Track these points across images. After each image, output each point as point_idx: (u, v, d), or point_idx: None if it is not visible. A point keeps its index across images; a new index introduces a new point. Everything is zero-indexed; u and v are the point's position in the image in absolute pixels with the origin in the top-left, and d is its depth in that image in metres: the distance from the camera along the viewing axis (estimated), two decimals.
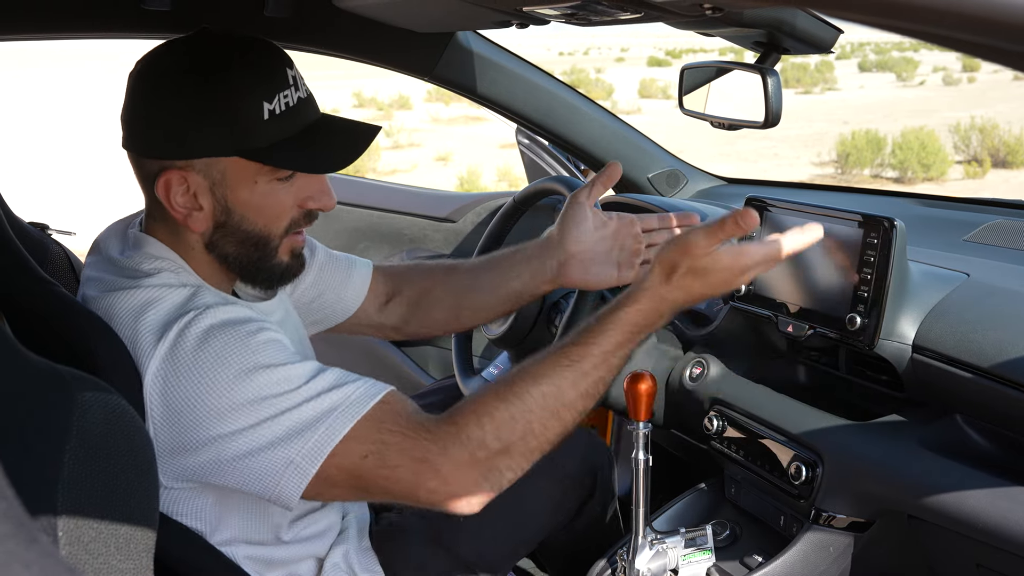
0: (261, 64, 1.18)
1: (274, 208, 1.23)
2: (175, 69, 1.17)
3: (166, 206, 1.20)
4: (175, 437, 1.11)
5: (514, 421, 1.16)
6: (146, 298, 1.16)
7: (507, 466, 1.16)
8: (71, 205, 8.36)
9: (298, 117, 1.20)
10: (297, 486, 1.11)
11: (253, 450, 1.10)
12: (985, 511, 1.24)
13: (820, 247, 1.50)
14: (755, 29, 1.57)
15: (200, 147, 1.16)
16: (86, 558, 0.83)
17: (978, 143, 14.64)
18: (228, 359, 1.11)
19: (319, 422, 1.11)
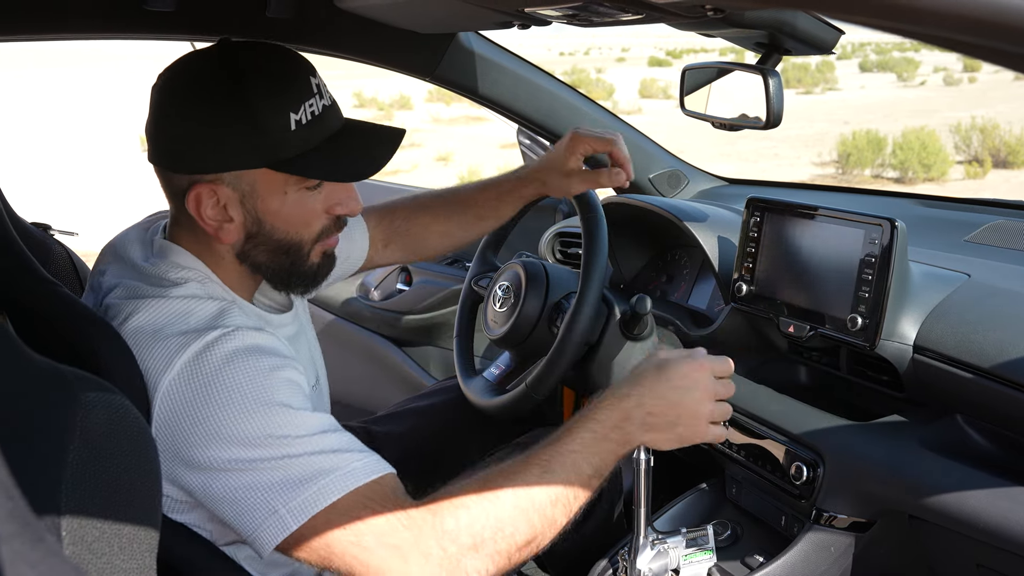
0: (286, 74, 1.19)
1: (304, 216, 1.24)
2: (199, 83, 1.17)
3: (197, 220, 1.20)
4: (175, 447, 1.10)
5: (487, 516, 1.13)
6: (173, 309, 1.16)
7: (473, 567, 1.12)
8: (74, 206, 8.36)
9: (324, 125, 1.20)
10: (274, 537, 1.09)
11: (243, 487, 1.09)
12: (986, 511, 1.25)
13: (821, 248, 1.50)
14: (756, 30, 1.58)
15: (229, 161, 1.17)
16: (89, 558, 0.83)
17: (979, 143, 14.63)
18: (247, 387, 1.10)
19: (313, 481, 1.09)
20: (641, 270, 2.15)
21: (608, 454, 1.22)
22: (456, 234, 1.77)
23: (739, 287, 1.64)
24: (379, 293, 2.91)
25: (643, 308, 1.68)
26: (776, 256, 1.58)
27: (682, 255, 2.07)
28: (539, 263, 1.84)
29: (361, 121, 1.29)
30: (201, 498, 1.13)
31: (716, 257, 1.75)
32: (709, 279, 1.95)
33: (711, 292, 1.94)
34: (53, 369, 0.86)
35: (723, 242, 1.76)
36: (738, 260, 1.65)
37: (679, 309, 1.96)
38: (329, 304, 3.01)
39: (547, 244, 2.29)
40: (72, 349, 1.10)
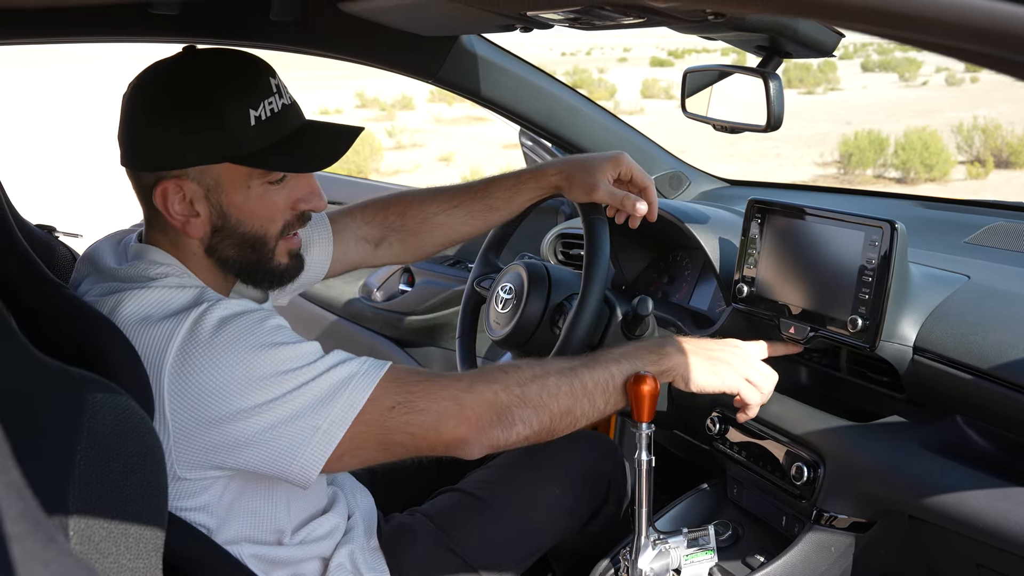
0: (245, 74, 1.25)
1: (268, 210, 1.29)
2: (164, 85, 1.24)
3: (164, 215, 1.26)
4: (195, 418, 1.14)
5: (534, 377, 1.29)
6: (157, 297, 1.20)
7: (520, 417, 1.26)
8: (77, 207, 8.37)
9: (284, 122, 1.26)
10: (323, 453, 1.16)
11: (276, 423, 1.15)
12: (985, 512, 1.25)
13: (822, 249, 1.50)
14: (757, 33, 1.58)
15: (192, 156, 1.22)
16: (97, 557, 0.84)
17: (981, 143, 14.61)
18: (243, 340, 1.16)
19: (340, 390, 1.18)
20: (643, 271, 2.16)
21: (648, 364, 1.38)
22: (460, 227, 1.74)
23: (740, 288, 1.64)
24: (382, 294, 2.92)
25: (645, 309, 1.69)
26: (777, 258, 1.59)
27: (683, 256, 2.07)
28: (541, 264, 1.85)
29: (321, 121, 1.35)
30: (232, 458, 1.17)
31: (717, 259, 1.76)
32: (710, 280, 1.95)
33: (712, 293, 1.95)
34: (60, 370, 0.87)
35: (724, 244, 1.77)
36: (739, 262, 1.66)
37: (680, 310, 1.96)
38: (331, 305, 3.01)
39: (549, 245, 2.29)
40: (78, 350, 1.11)
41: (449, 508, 1.59)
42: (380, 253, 1.76)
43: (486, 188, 1.73)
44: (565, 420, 1.31)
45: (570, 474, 1.64)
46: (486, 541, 1.55)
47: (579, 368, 1.34)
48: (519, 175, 1.72)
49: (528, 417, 1.27)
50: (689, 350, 1.42)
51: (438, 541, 1.52)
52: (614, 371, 1.35)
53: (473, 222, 1.74)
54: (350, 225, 1.72)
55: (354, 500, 1.55)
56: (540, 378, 1.29)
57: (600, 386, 1.34)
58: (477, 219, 1.74)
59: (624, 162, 1.63)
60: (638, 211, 1.60)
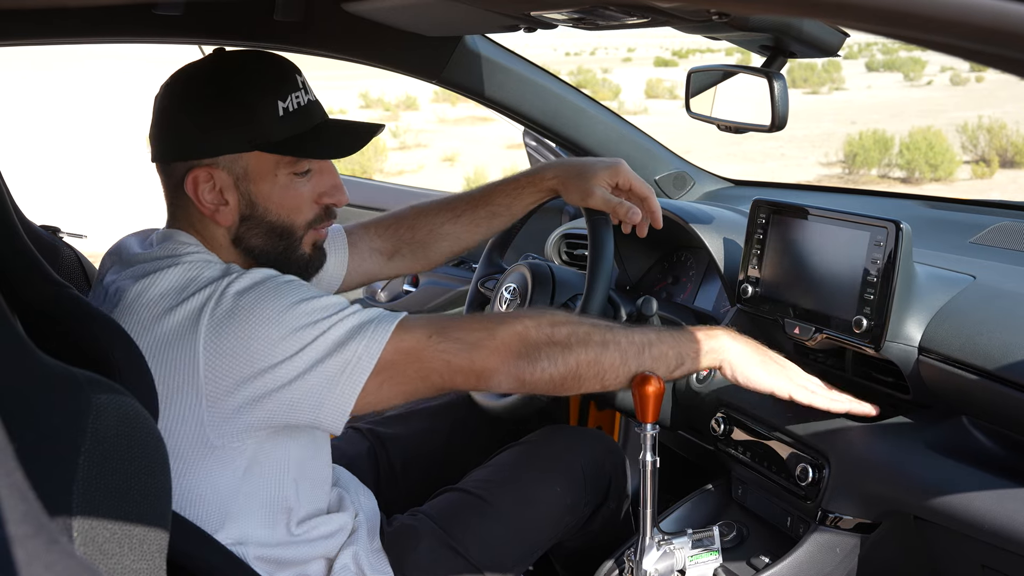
0: (274, 69, 1.32)
1: (294, 200, 1.34)
2: (195, 81, 1.31)
3: (195, 202, 1.30)
4: (230, 378, 1.18)
5: (567, 321, 1.33)
6: (186, 272, 1.24)
7: (547, 354, 1.29)
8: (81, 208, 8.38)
9: (309, 116, 1.32)
10: (353, 388, 1.21)
11: (308, 366, 1.19)
12: (991, 512, 1.25)
13: (826, 250, 1.50)
14: (761, 33, 1.58)
15: (223, 145, 1.28)
16: (100, 558, 0.84)
17: (986, 143, 14.58)
18: (274, 299, 1.21)
19: (368, 323, 1.23)
20: (647, 272, 2.16)
21: (693, 344, 1.41)
22: (465, 235, 1.76)
23: (744, 289, 1.64)
24: (386, 294, 2.92)
25: (649, 309, 1.69)
26: (781, 258, 1.59)
27: (688, 257, 2.07)
28: (545, 265, 1.85)
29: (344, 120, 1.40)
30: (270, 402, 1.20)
31: (722, 259, 1.76)
32: (715, 281, 1.95)
33: (717, 294, 1.94)
34: (64, 371, 0.87)
35: (729, 244, 1.77)
36: (743, 262, 1.65)
37: (685, 310, 1.96)
38: None
39: (553, 246, 2.29)
40: (82, 351, 1.11)
41: (451, 508, 1.59)
42: (393, 264, 1.79)
43: (487, 195, 1.75)
44: (592, 369, 1.32)
45: (571, 472, 1.64)
46: (488, 540, 1.55)
47: (619, 328, 1.37)
48: (517, 179, 1.73)
49: (555, 356, 1.29)
50: (741, 340, 1.45)
51: (440, 541, 1.52)
52: (654, 338, 1.38)
53: (477, 230, 1.76)
54: (364, 238, 1.75)
55: (358, 501, 1.55)
56: (574, 323, 1.33)
57: (636, 346, 1.35)
58: (481, 226, 1.76)
59: (622, 172, 1.63)
60: (631, 219, 1.60)
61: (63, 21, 1.56)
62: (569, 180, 1.64)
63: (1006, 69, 0.63)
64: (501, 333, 1.28)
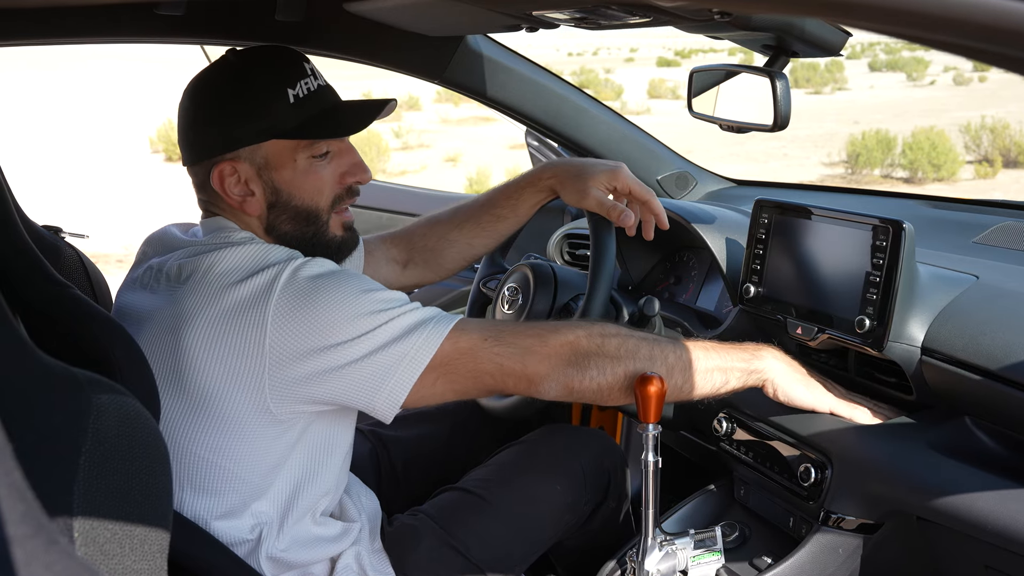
0: (281, 59, 1.38)
1: (316, 183, 1.39)
2: (209, 84, 1.37)
3: (223, 195, 1.36)
4: (294, 350, 1.22)
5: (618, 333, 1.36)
6: (252, 251, 1.29)
7: (596, 363, 1.32)
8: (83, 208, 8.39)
9: (320, 100, 1.37)
10: (408, 379, 1.25)
11: (369, 351, 1.23)
12: (994, 513, 1.24)
13: (829, 250, 1.50)
14: (764, 32, 1.58)
15: (241, 138, 1.34)
16: (101, 559, 0.84)
17: (989, 143, 14.57)
18: (344, 285, 1.27)
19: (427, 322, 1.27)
20: (649, 272, 2.16)
21: (737, 361, 1.43)
22: (475, 241, 1.79)
23: (747, 289, 1.64)
24: None
25: (651, 310, 1.69)
26: (784, 258, 1.59)
27: (690, 257, 2.07)
28: (547, 265, 1.85)
29: (355, 100, 1.45)
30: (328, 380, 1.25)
31: (724, 259, 1.76)
32: (717, 281, 1.95)
33: (719, 294, 1.94)
34: (65, 372, 0.87)
35: (731, 244, 1.77)
36: (746, 262, 1.65)
37: (687, 311, 1.96)
38: None
39: (555, 246, 2.29)
40: (83, 351, 1.11)
41: (451, 507, 1.59)
42: (408, 273, 1.83)
43: (490, 200, 1.78)
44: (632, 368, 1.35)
45: (570, 470, 1.64)
46: (489, 539, 1.55)
47: (665, 342, 1.40)
48: (518, 182, 1.75)
49: (603, 366, 1.32)
50: (784, 360, 1.48)
51: (441, 540, 1.52)
52: (700, 356, 1.40)
53: (485, 234, 1.79)
54: (380, 247, 1.80)
55: (360, 502, 1.55)
56: (624, 336, 1.36)
57: (682, 363, 1.38)
58: (488, 230, 1.78)
59: (621, 176, 1.63)
60: (623, 222, 1.60)
61: (64, 21, 1.56)
62: (567, 180, 1.65)
63: (1009, 68, 0.63)
64: (553, 341, 1.32)
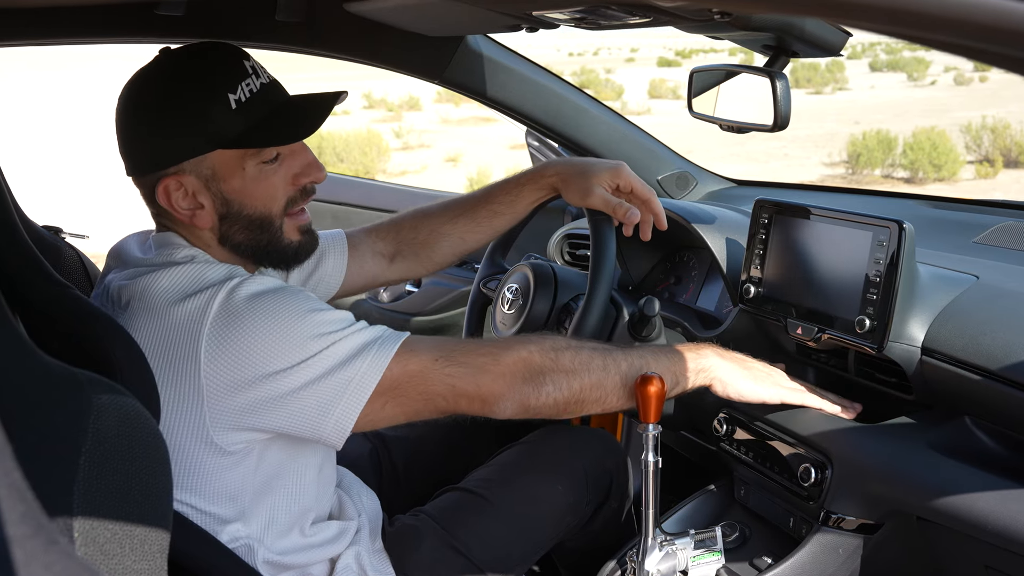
0: (219, 61, 1.28)
1: (267, 189, 1.32)
2: (145, 90, 1.28)
3: (171, 211, 1.29)
4: (230, 381, 1.18)
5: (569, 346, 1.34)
6: (190, 272, 1.24)
7: (551, 379, 1.30)
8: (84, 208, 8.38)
9: (264, 101, 1.29)
10: (355, 405, 1.20)
11: (311, 379, 1.19)
12: (994, 513, 1.24)
13: (829, 250, 1.50)
14: (764, 32, 1.58)
15: (183, 150, 1.26)
16: (101, 559, 0.84)
17: (990, 143, 14.57)
18: (280, 308, 1.21)
19: (372, 344, 1.23)
20: (649, 272, 2.15)
21: (685, 364, 1.42)
22: (468, 236, 1.75)
23: (747, 289, 1.64)
24: (388, 294, 2.92)
25: (651, 310, 1.69)
26: (784, 258, 1.58)
27: (690, 257, 2.07)
28: (547, 265, 1.85)
29: (305, 94, 1.36)
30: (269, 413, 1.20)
31: (724, 259, 1.75)
32: (717, 281, 1.95)
33: (719, 294, 1.94)
34: (65, 372, 0.87)
35: (731, 244, 1.76)
36: (746, 262, 1.65)
37: (687, 311, 1.96)
38: (338, 306, 3.01)
39: (555, 246, 2.29)
40: (84, 351, 1.11)
41: (452, 507, 1.59)
42: (395, 267, 1.78)
43: (488, 195, 1.75)
44: (594, 393, 1.34)
45: (572, 471, 1.64)
46: (490, 539, 1.55)
47: (615, 350, 1.38)
48: (519, 178, 1.73)
49: (559, 381, 1.31)
50: (728, 356, 1.46)
51: (442, 541, 1.52)
52: (650, 360, 1.38)
53: (479, 229, 1.75)
54: (365, 241, 1.75)
55: (360, 502, 1.55)
56: (575, 348, 1.34)
57: (635, 369, 1.36)
58: (483, 225, 1.75)
59: (624, 174, 1.62)
60: (630, 219, 1.60)
61: (64, 21, 1.56)
62: (570, 178, 1.64)
63: (1010, 68, 0.63)
64: (507, 358, 1.29)
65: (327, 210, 2.82)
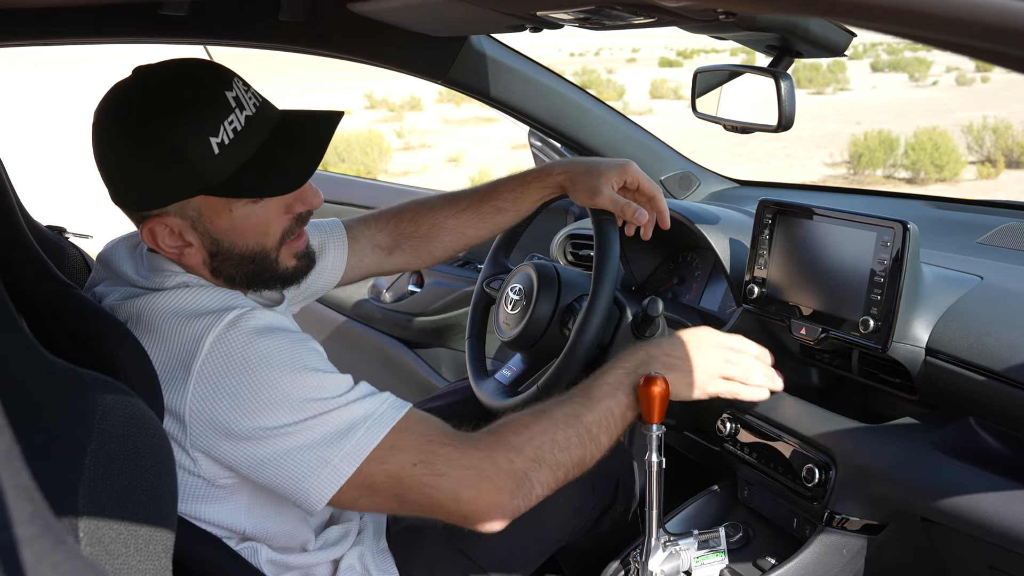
0: (199, 98, 1.16)
1: (259, 227, 1.25)
2: (121, 125, 1.17)
3: (158, 250, 1.24)
4: (215, 423, 1.14)
5: (544, 433, 1.26)
6: (187, 296, 1.19)
7: (537, 480, 1.24)
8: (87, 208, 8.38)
9: (251, 138, 1.19)
10: (329, 488, 1.15)
11: (292, 448, 1.14)
12: (999, 513, 1.24)
13: (833, 250, 1.50)
14: (768, 33, 1.58)
15: (165, 196, 1.18)
16: (106, 559, 0.84)
17: (991, 143, 14.57)
18: (279, 356, 1.15)
19: (356, 427, 1.16)
20: (653, 272, 2.15)
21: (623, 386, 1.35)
22: (469, 231, 1.73)
23: (751, 289, 1.64)
24: (391, 295, 2.92)
25: (655, 310, 1.68)
26: (788, 258, 1.58)
27: (694, 257, 2.07)
28: (551, 265, 1.85)
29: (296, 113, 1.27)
30: (247, 468, 1.17)
31: (728, 259, 1.75)
32: (721, 281, 1.95)
33: (723, 294, 1.94)
34: (71, 372, 0.87)
35: (735, 244, 1.76)
36: (749, 262, 1.65)
37: (690, 311, 1.96)
38: (340, 305, 3.02)
39: (559, 246, 2.29)
40: (88, 351, 1.11)
41: None
42: (394, 260, 1.74)
43: (492, 190, 1.72)
44: (578, 469, 1.30)
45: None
46: (494, 542, 1.54)
47: (582, 411, 1.31)
48: (525, 176, 1.70)
49: (545, 478, 1.25)
50: (666, 363, 1.38)
51: (446, 542, 1.52)
52: (611, 405, 1.33)
53: (481, 224, 1.73)
54: (365, 232, 1.71)
55: None
56: (549, 433, 1.26)
57: (603, 426, 1.32)
58: (485, 221, 1.72)
59: (631, 171, 1.61)
60: (637, 219, 1.59)
61: (67, 21, 1.56)
62: (577, 177, 1.63)
63: (1015, 68, 0.63)
64: (490, 472, 1.21)
65: (330, 210, 2.82)
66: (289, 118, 1.26)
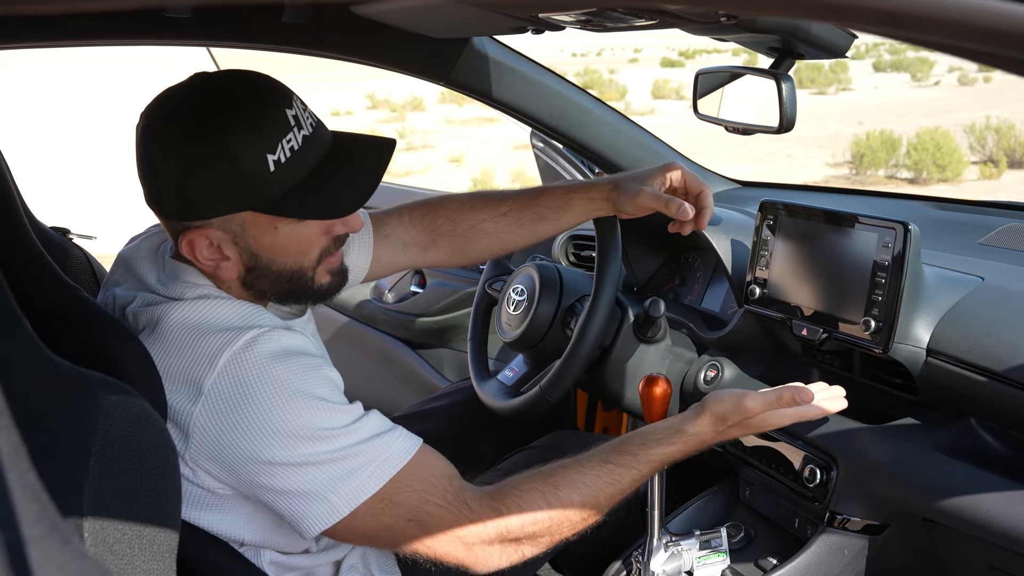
0: (260, 113, 1.15)
1: (300, 245, 1.24)
2: (176, 130, 1.15)
3: (193, 262, 1.22)
4: (218, 444, 1.15)
5: (550, 520, 1.26)
6: (206, 309, 1.19)
7: (529, 550, 1.27)
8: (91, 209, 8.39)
9: (306, 158, 1.18)
10: (323, 522, 1.16)
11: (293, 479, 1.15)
12: (1000, 514, 1.24)
13: (834, 251, 1.50)
14: (770, 35, 1.58)
15: (213, 208, 1.16)
16: (111, 559, 0.84)
17: (994, 143, 14.55)
18: (291, 386, 1.15)
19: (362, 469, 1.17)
20: (654, 273, 2.16)
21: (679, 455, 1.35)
22: (507, 236, 1.67)
23: (752, 290, 1.64)
24: (393, 295, 2.92)
25: (656, 311, 1.69)
26: (789, 259, 1.59)
27: (695, 258, 2.07)
28: (553, 266, 1.85)
29: (349, 137, 1.27)
30: (245, 489, 1.18)
31: (729, 260, 1.76)
32: (722, 282, 1.95)
33: (724, 295, 1.94)
34: (75, 373, 0.87)
35: (736, 245, 1.77)
36: (751, 263, 1.65)
37: (692, 312, 1.96)
38: (343, 306, 3.02)
39: (561, 247, 2.29)
40: (92, 352, 1.11)
41: None
42: (428, 256, 1.69)
43: (536, 197, 1.65)
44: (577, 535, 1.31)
45: None
46: None
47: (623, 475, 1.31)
48: (571, 186, 1.64)
49: (536, 549, 1.28)
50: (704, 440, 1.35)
51: None
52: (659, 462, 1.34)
53: (521, 231, 1.66)
54: (397, 229, 1.65)
55: None
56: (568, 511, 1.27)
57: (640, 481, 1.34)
58: (525, 228, 1.66)
59: (674, 171, 1.57)
60: (681, 216, 1.51)
61: (71, 23, 1.56)
62: (622, 184, 1.57)
63: (1015, 71, 0.63)
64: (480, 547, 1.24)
65: None
66: (342, 140, 1.25)
